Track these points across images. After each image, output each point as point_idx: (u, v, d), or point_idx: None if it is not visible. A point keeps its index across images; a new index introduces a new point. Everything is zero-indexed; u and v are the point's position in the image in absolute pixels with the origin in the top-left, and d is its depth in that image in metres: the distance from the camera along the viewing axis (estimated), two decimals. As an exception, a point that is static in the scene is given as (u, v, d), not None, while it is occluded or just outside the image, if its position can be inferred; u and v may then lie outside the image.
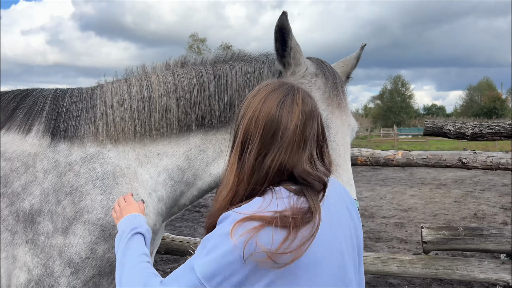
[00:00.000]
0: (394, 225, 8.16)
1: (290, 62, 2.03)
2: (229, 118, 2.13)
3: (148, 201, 2.08)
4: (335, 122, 1.94)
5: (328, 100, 1.97)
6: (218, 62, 2.22)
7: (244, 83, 2.13)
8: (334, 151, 1.88)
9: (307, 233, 1.14)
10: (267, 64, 2.16)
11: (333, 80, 2.04)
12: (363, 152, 3.08)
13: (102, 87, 2.17)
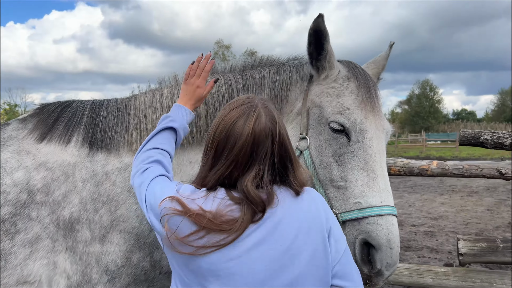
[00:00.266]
0: (424, 234, 7.97)
1: (325, 66, 2.01)
2: None
3: None
4: (370, 127, 1.91)
5: (362, 104, 1.94)
6: (247, 68, 2.23)
7: (273, 89, 2.12)
8: (370, 156, 1.86)
9: (215, 240, 1.25)
10: (296, 69, 2.15)
11: (365, 83, 2.00)
12: (396, 162, 3.02)
13: (136, 97, 2.21)
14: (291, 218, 1.34)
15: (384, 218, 1.77)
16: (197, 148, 2.14)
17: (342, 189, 1.86)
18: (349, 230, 1.82)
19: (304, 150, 1.97)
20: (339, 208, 1.85)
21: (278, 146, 1.38)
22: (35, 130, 2.08)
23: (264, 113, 1.38)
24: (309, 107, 2.03)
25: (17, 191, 1.89)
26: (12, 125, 2.15)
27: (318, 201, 1.43)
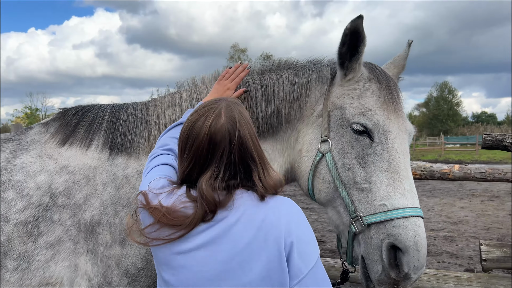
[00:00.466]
0: (444, 239, 7.82)
1: (355, 67, 1.98)
2: (276, 128, 2.12)
3: None
4: (393, 128, 1.89)
5: (384, 105, 1.92)
6: (265, 71, 2.22)
7: (292, 91, 2.11)
8: (394, 157, 1.83)
9: (165, 234, 1.33)
10: (315, 72, 2.14)
11: (387, 84, 1.98)
12: (417, 165, 2.97)
13: (155, 101, 2.23)
14: (247, 223, 1.33)
15: (410, 220, 1.74)
16: None
17: (366, 191, 1.84)
18: (374, 233, 1.79)
19: (326, 152, 1.95)
20: (364, 211, 1.82)
21: (238, 147, 1.37)
22: (57, 134, 2.12)
23: (224, 114, 1.40)
24: (330, 109, 2.01)
25: (39, 194, 1.92)
26: (35, 129, 2.19)
27: (282, 211, 1.36)
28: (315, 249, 1.36)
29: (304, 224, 1.38)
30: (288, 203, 1.41)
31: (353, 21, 1.84)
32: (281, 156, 2.16)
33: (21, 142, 2.10)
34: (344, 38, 1.90)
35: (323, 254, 6.67)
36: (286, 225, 1.33)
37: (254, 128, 1.45)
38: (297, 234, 1.32)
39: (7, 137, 2.14)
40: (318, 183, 2.00)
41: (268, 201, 1.37)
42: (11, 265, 1.82)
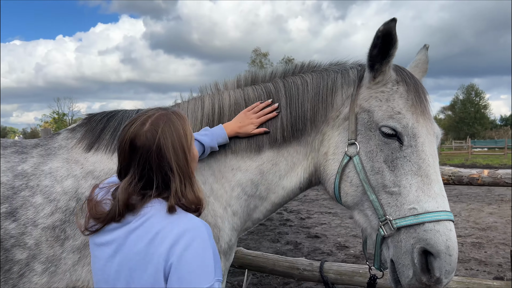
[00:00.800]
0: (472, 245, 7.61)
1: (385, 70, 1.96)
2: (301, 131, 2.12)
3: (224, 215, 2.12)
4: (421, 131, 1.87)
5: (412, 108, 1.90)
6: (288, 75, 2.22)
7: (317, 94, 2.10)
8: (424, 161, 1.81)
9: (90, 225, 1.46)
10: (341, 74, 2.12)
11: (414, 86, 1.96)
12: (444, 170, 2.90)
13: (179, 106, 2.27)
14: (143, 233, 1.35)
15: (442, 223, 1.72)
16: (239, 155, 2.16)
17: (396, 195, 1.82)
18: (404, 237, 1.77)
19: (354, 156, 1.93)
20: (393, 214, 1.81)
21: (155, 156, 1.39)
22: (83, 140, 2.16)
23: (150, 122, 1.43)
24: (357, 112, 1.99)
25: (66, 199, 1.96)
26: (62, 134, 2.25)
27: (176, 230, 1.32)
28: (201, 280, 1.27)
29: (195, 250, 1.29)
30: (188, 223, 1.36)
31: (386, 23, 1.81)
32: (305, 159, 2.15)
33: (49, 147, 2.16)
34: (375, 41, 1.87)
35: (347, 260, 6.59)
36: (172, 244, 1.30)
37: (185, 142, 1.46)
38: (181, 258, 1.28)
39: (36, 142, 2.21)
40: (345, 186, 1.99)
41: (174, 216, 1.38)
42: (39, 268, 1.87)
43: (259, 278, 5.86)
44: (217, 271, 1.32)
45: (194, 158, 1.54)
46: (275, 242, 7.86)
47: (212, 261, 1.30)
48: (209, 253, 1.31)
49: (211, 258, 1.31)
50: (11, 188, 1.95)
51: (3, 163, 2.04)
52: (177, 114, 1.51)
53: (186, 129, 1.49)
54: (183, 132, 1.46)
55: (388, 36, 1.84)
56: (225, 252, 2.12)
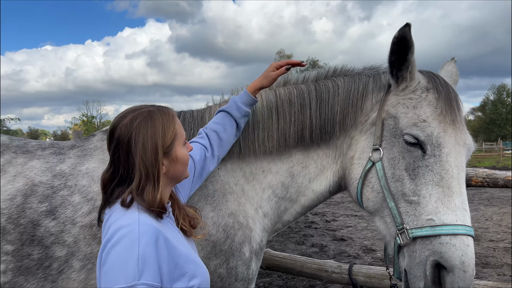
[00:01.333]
0: (504, 250, 7.37)
1: (405, 76, 1.94)
2: (330, 134, 2.12)
3: (255, 216, 2.15)
4: (448, 141, 1.82)
5: (440, 117, 1.85)
6: (320, 78, 2.22)
7: (347, 98, 2.09)
8: (447, 172, 1.77)
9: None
10: (372, 78, 2.11)
11: (446, 94, 1.91)
12: (478, 172, 2.83)
13: (211, 108, 2.31)
14: (105, 226, 1.38)
15: (459, 238, 1.66)
16: (269, 157, 2.19)
17: (414, 204, 1.79)
18: (419, 247, 1.73)
19: (377, 161, 1.92)
20: (410, 224, 1.77)
21: (125, 151, 1.40)
22: None
23: (130, 117, 1.44)
24: (384, 118, 1.98)
25: None
26: (97, 136, 2.32)
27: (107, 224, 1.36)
28: (117, 279, 1.21)
29: (120, 248, 1.25)
30: (126, 221, 1.32)
31: (400, 29, 1.81)
32: (335, 163, 2.16)
33: (85, 148, 2.23)
34: (392, 47, 1.88)
35: (373, 263, 6.50)
36: (107, 240, 1.29)
37: (160, 141, 1.42)
38: (107, 254, 1.26)
39: (72, 144, 2.29)
40: (367, 192, 1.98)
41: (126, 212, 1.36)
42: (77, 265, 1.93)
43: (284, 280, 5.85)
44: (147, 274, 1.22)
45: (178, 160, 1.48)
46: (300, 245, 7.83)
47: (135, 262, 1.22)
48: (133, 252, 1.23)
49: (135, 258, 1.22)
50: (51, 187, 2.03)
51: (42, 163, 2.12)
52: (163, 113, 1.48)
53: (167, 129, 1.45)
54: (161, 131, 1.43)
55: (404, 41, 1.83)
56: (256, 252, 2.14)
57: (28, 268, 1.89)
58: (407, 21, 1.87)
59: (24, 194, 1.99)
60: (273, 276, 5.91)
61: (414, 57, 1.90)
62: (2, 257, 1.88)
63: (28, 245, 1.90)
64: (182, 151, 1.51)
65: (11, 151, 2.16)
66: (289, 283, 5.78)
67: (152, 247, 1.27)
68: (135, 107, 1.51)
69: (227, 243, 2.02)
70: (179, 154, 1.49)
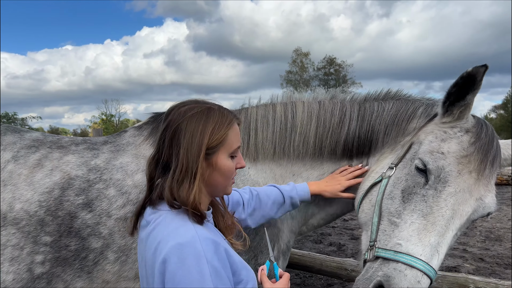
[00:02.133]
0: (527, 251, 7.22)
1: (454, 113, 1.84)
2: (365, 152, 2.15)
3: (283, 218, 2.18)
4: (458, 184, 1.72)
5: (463, 159, 1.75)
6: (368, 100, 2.22)
7: (395, 117, 2.07)
8: (439, 209, 1.70)
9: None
10: (425, 106, 2.06)
11: (485, 144, 1.78)
12: (504, 170, 2.80)
13: (247, 110, 2.35)
14: (153, 239, 1.30)
15: (414, 271, 1.60)
16: (301, 162, 2.23)
17: (394, 226, 1.76)
18: (376, 266, 1.70)
19: (385, 178, 1.91)
20: (381, 242, 1.75)
21: (171, 135, 1.36)
22: (150, 137, 2.29)
23: (188, 107, 1.39)
24: (413, 142, 1.94)
25: (137, 192, 2.09)
26: (129, 132, 2.39)
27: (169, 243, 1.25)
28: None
29: (188, 268, 1.20)
30: (183, 237, 1.25)
31: (475, 67, 1.67)
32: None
33: (118, 144, 2.30)
34: (458, 80, 1.74)
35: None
36: (164, 259, 1.22)
37: (205, 140, 1.34)
38: (174, 276, 1.20)
39: (104, 139, 2.36)
40: (364, 203, 1.99)
41: (175, 225, 1.30)
42: (112, 257, 1.99)
43: (302, 278, 5.86)
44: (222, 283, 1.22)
45: (217, 167, 1.39)
46: (318, 243, 7.82)
47: (209, 280, 1.19)
48: (204, 269, 1.20)
49: (207, 275, 1.20)
50: (87, 181, 2.10)
51: (77, 158, 2.19)
52: (222, 115, 1.41)
53: (218, 131, 1.37)
54: (211, 130, 1.36)
55: (472, 79, 1.70)
56: (284, 252, 2.19)
57: (65, 259, 1.96)
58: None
59: (62, 187, 2.06)
60: (291, 275, 5.92)
61: (473, 100, 1.79)
62: (41, 248, 1.95)
63: (66, 236, 1.97)
64: (225, 161, 1.40)
65: (46, 146, 2.24)
66: (307, 281, 5.78)
67: (217, 260, 1.24)
68: (198, 100, 1.47)
69: (256, 240, 2.08)
70: (220, 161, 1.39)
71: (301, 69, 56.50)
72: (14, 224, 1.96)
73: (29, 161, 2.15)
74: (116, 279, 1.99)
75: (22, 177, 2.08)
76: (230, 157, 1.42)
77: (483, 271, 5.96)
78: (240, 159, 1.48)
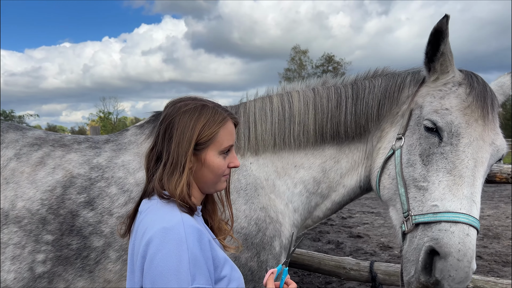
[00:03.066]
0: (526, 248, 7.25)
1: (436, 68, 1.96)
2: (364, 128, 2.15)
3: (285, 211, 2.18)
4: (470, 133, 1.81)
5: (467, 110, 1.85)
6: (359, 80, 2.26)
7: (385, 90, 2.12)
8: (461, 161, 1.76)
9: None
10: (412, 74, 2.14)
11: (481, 91, 1.90)
12: (503, 168, 2.79)
13: (246, 104, 2.35)
14: (142, 226, 1.31)
15: (459, 226, 1.64)
16: (302, 151, 2.23)
17: (423, 190, 1.79)
18: (420, 234, 1.73)
19: (397, 149, 1.94)
20: (416, 210, 1.78)
21: (164, 128, 1.40)
22: (151, 135, 2.29)
23: (184, 103, 1.43)
24: (413, 108, 2.01)
25: (139, 190, 2.09)
26: (131, 130, 2.39)
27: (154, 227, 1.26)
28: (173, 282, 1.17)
29: (167, 253, 1.19)
30: (169, 222, 1.26)
31: (439, 21, 1.83)
32: (366, 158, 2.20)
33: (120, 142, 2.30)
34: (429, 38, 1.90)
35: (391, 260, 6.48)
36: (147, 243, 1.23)
37: (195, 136, 1.36)
38: (152, 260, 1.20)
39: (106, 138, 2.36)
40: (384, 179, 2.01)
41: (164, 210, 1.32)
42: (113, 255, 1.99)
43: (300, 276, 5.88)
44: (199, 277, 1.19)
45: (205, 164, 1.41)
46: (316, 241, 7.84)
47: (186, 266, 1.17)
48: (183, 256, 1.18)
49: (186, 262, 1.18)
50: (88, 179, 2.10)
51: (79, 156, 2.19)
52: (216, 112, 1.43)
53: (208, 127, 1.39)
54: (201, 127, 1.38)
55: (439, 32, 1.85)
56: (286, 247, 2.18)
57: (67, 258, 1.96)
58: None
59: (64, 185, 2.06)
60: (289, 273, 5.94)
61: (448, 50, 1.91)
62: (43, 247, 1.95)
63: (67, 235, 1.97)
64: (214, 158, 1.41)
65: (48, 145, 2.24)
66: (305, 279, 5.80)
67: (199, 249, 1.24)
68: (196, 97, 1.51)
69: (259, 237, 2.06)
70: (209, 158, 1.40)
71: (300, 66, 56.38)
72: (16, 223, 1.96)
73: (31, 159, 2.14)
74: (118, 278, 1.99)
75: (25, 175, 2.08)
76: (222, 155, 1.43)
77: (481, 269, 5.99)
78: (234, 158, 1.49)
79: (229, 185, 1.63)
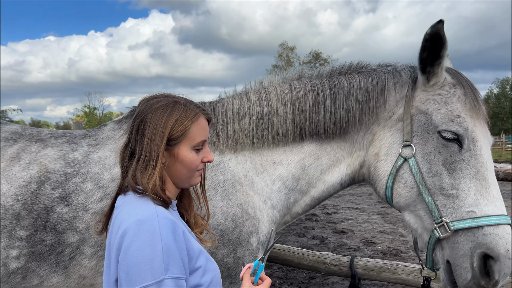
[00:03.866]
0: None
1: (437, 72, 1.97)
2: (345, 130, 2.15)
3: (263, 208, 2.18)
4: (479, 135, 1.89)
5: (470, 112, 1.91)
6: (334, 74, 2.25)
7: (367, 94, 2.11)
8: (482, 165, 1.83)
9: None
10: (392, 75, 2.13)
11: (472, 90, 1.97)
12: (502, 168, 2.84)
13: (224, 100, 2.33)
14: (118, 220, 1.33)
15: (501, 227, 1.75)
16: (281, 148, 2.21)
17: (453, 198, 1.85)
18: (462, 239, 1.80)
19: (409, 158, 1.95)
20: (450, 217, 1.84)
21: (137, 125, 1.42)
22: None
23: (156, 100, 1.45)
24: (413, 114, 2.01)
25: (114, 186, 2.07)
26: (109, 126, 2.37)
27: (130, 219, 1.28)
28: (144, 276, 1.18)
29: (142, 243, 1.21)
30: (143, 214, 1.28)
31: (433, 26, 1.83)
32: (350, 156, 2.19)
33: (97, 138, 2.27)
34: (424, 44, 1.90)
35: (374, 255, 6.56)
36: (122, 234, 1.25)
37: (167, 132, 1.38)
38: (127, 250, 1.22)
39: (84, 133, 2.34)
40: (398, 188, 2.01)
41: (138, 204, 1.34)
42: (88, 251, 1.98)
43: (284, 272, 5.91)
44: (172, 267, 1.22)
45: (178, 159, 1.42)
46: (301, 237, 7.89)
47: (160, 256, 1.20)
48: (157, 247, 1.21)
49: (159, 252, 1.20)
50: (64, 174, 2.08)
51: (55, 151, 2.17)
52: (188, 108, 1.44)
53: (180, 123, 1.40)
54: (173, 123, 1.39)
55: (437, 38, 1.85)
56: (263, 243, 2.17)
57: (41, 254, 1.94)
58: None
59: (38, 180, 2.04)
60: (273, 268, 5.97)
61: (446, 53, 1.92)
62: (16, 243, 1.93)
63: (41, 231, 1.95)
64: (187, 153, 1.42)
65: (24, 139, 2.21)
66: (289, 274, 5.84)
67: (173, 240, 1.26)
68: (169, 94, 1.53)
69: (235, 233, 2.06)
70: (181, 153, 1.41)
71: (287, 63, 56.44)
72: None
73: (6, 154, 2.12)
74: (93, 274, 1.98)
75: None
76: (195, 150, 1.45)
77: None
78: (208, 153, 1.50)
79: (204, 180, 1.64)
